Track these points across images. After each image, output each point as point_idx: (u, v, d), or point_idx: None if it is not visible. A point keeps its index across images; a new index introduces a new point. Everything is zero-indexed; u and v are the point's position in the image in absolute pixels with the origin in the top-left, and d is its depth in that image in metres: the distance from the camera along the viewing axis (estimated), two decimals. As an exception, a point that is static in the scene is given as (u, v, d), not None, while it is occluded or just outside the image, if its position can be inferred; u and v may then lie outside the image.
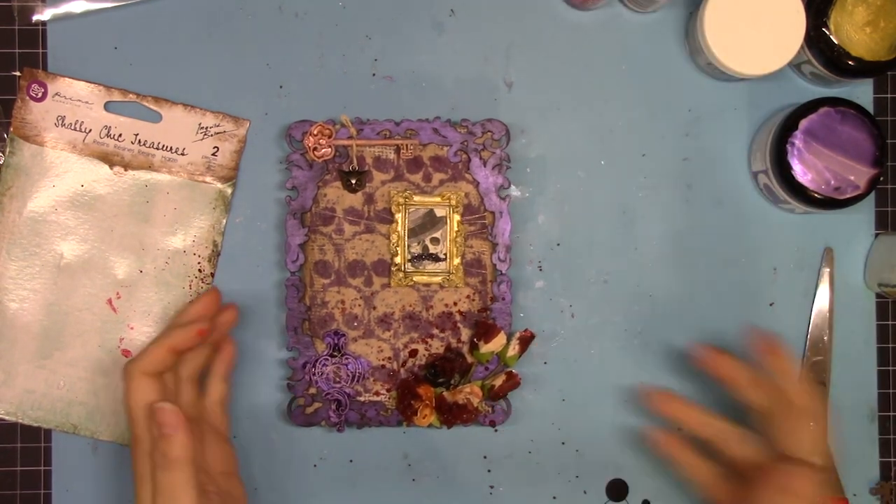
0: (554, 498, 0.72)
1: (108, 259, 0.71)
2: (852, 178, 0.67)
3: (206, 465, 0.63)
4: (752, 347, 0.65)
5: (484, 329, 0.69)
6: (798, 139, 0.67)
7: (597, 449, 0.72)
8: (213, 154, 0.71)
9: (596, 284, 0.72)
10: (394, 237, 0.71)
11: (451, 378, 0.70)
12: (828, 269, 0.72)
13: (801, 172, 0.67)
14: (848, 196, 0.67)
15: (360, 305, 0.71)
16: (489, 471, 0.72)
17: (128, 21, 0.71)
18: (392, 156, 0.71)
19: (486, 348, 0.69)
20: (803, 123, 0.67)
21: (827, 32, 0.67)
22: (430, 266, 0.71)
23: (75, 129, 0.70)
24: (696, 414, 0.66)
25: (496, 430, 0.72)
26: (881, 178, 0.67)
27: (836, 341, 0.72)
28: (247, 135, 0.71)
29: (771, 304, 0.72)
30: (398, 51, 0.72)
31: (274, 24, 0.71)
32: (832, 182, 0.67)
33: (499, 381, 0.70)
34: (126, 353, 0.71)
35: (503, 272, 0.70)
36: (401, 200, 0.71)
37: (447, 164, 0.71)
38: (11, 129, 0.70)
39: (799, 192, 0.67)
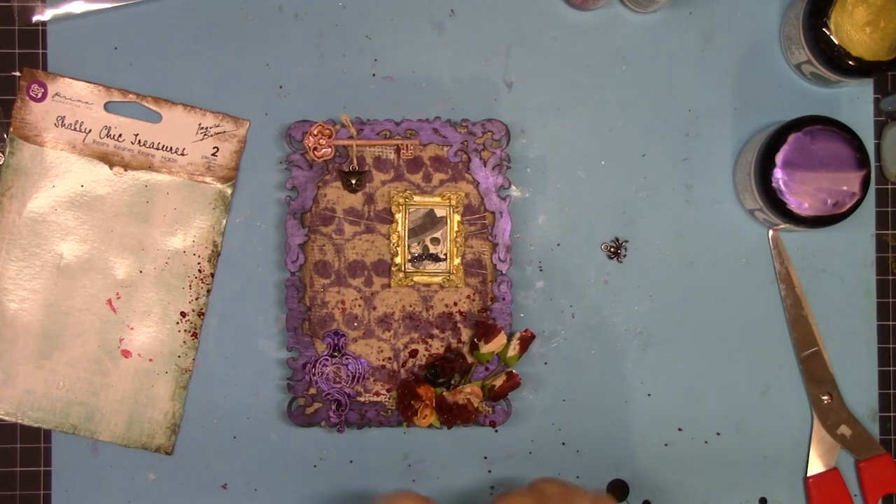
0: (554, 498, 0.72)
1: (108, 259, 0.71)
2: (845, 188, 0.67)
3: None
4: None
5: (484, 329, 0.69)
6: (780, 174, 0.66)
7: (597, 449, 0.72)
8: (213, 154, 0.71)
9: (596, 284, 0.72)
10: (394, 237, 0.71)
11: (452, 378, 0.70)
12: (781, 254, 0.71)
13: (796, 205, 0.67)
14: (849, 206, 0.67)
15: (360, 306, 0.71)
16: (489, 471, 0.72)
17: (128, 21, 0.71)
18: (392, 156, 0.71)
19: (487, 348, 0.69)
20: (779, 157, 0.66)
21: (827, 32, 0.67)
22: (430, 266, 0.71)
23: (75, 130, 0.70)
24: None
25: (496, 431, 0.72)
26: (871, 176, 0.67)
27: (837, 342, 0.72)
28: (247, 135, 0.71)
29: (772, 305, 0.72)
30: (398, 51, 0.72)
31: (274, 24, 0.71)
32: (829, 200, 0.67)
33: (499, 382, 0.70)
34: (126, 353, 0.71)
35: (503, 272, 0.70)
36: (401, 200, 0.71)
37: (447, 164, 0.71)
38: (11, 129, 0.70)
39: (801, 221, 0.67)
